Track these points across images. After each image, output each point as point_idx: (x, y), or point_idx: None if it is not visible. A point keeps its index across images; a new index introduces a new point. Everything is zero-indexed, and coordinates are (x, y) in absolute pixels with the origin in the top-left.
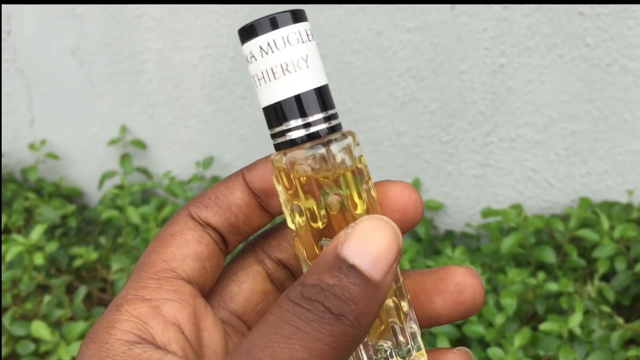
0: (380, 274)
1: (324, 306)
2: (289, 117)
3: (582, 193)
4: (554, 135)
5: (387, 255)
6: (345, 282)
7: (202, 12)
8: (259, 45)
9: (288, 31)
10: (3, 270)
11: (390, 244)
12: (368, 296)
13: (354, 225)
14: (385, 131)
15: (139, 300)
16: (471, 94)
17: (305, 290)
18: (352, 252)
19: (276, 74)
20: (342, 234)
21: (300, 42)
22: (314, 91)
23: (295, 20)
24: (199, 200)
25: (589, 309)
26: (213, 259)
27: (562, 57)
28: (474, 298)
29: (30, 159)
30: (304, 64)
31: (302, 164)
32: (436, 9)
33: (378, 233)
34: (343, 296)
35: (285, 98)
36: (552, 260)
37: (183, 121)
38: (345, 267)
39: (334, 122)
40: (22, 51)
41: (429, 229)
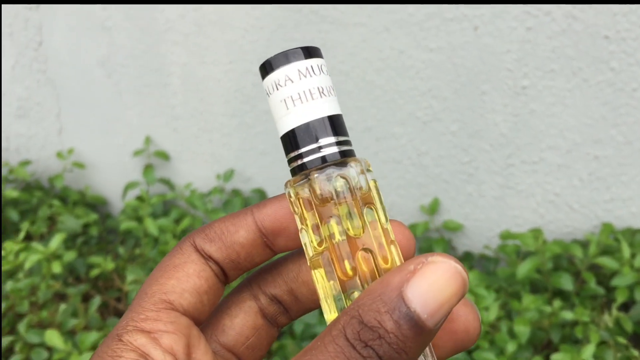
0: (435, 323)
1: (378, 355)
2: (301, 143)
3: (604, 219)
4: (577, 159)
5: (448, 306)
6: (402, 330)
7: (227, 28)
8: (285, 74)
9: (310, 63)
10: (22, 277)
11: (455, 295)
12: (419, 345)
13: (426, 261)
14: (406, 150)
15: (139, 332)
16: (493, 115)
17: (363, 333)
18: (416, 297)
19: (298, 100)
20: (411, 267)
21: (313, 75)
22: (324, 119)
23: (308, 55)
24: (205, 232)
25: (605, 339)
26: (211, 293)
27: (587, 80)
28: (466, 327)
29: (58, 167)
30: (317, 94)
31: (303, 189)
32: (459, 30)
33: (447, 281)
34: (397, 347)
35: (297, 126)
36: (569, 288)
37: (206, 134)
38: (406, 312)
39: (345, 147)
40: (53, 61)
41: (447, 250)
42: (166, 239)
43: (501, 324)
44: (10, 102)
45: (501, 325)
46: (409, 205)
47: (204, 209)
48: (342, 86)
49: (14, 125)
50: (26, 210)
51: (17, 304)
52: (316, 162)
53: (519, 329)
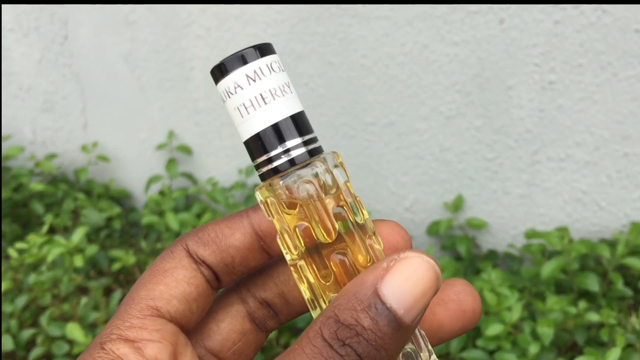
0: (413, 318)
1: (356, 353)
2: (268, 147)
3: (634, 218)
4: (605, 156)
5: (424, 300)
6: (379, 326)
7: (249, 22)
8: (232, 81)
9: (255, 65)
10: (45, 270)
11: (430, 288)
12: (398, 341)
13: (398, 258)
14: (429, 146)
15: (122, 341)
16: (518, 110)
17: (341, 332)
18: (390, 293)
19: (250, 107)
20: (385, 265)
21: (262, 77)
22: (290, 118)
23: (262, 54)
24: (198, 235)
25: (631, 342)
26: (200, 300)
27: (616, 75)
28: (474, 307)
29: (83, 160)
30: (270, 97)
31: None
32: (484, 23)
33: (420, 276)
34: (375, 343)
35: (263, 129)
36: (595, 289)
37: (228, 128)
38: (382, 308)
39: (312, 146)
40: (77, 56)
41: (470, 248)
42: None
43: (524, 324)
44: (36, 96)
45: (524, 326)
46: (432, 201)
47: (225, 204)
48: (363, 80)
49: (41, 118)
50: (51, 203)
51: (40, 296)
52: (285, 165)
53: (543, 330)
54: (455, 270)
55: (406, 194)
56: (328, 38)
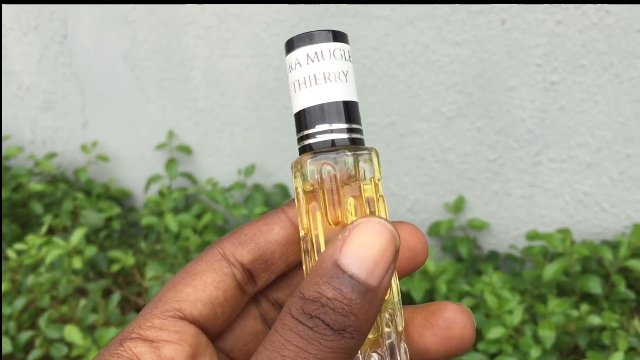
0: (377, 279)
1: (325, 323)
2: (306, 125)
3: (636, 219)
4: (607, 158)
5: (385, 260)
6: (343, 293)
7: (249, 21)
8: (305, 53)
9: (328, 47)
10: (43, 271)
11: (387, 248)
12: (366, 303)
13: (351, 228)
14: (430, 146)
15: (141, 340)
16: (520, 111)
17: (306, 306)
18: (349, 260)
19: (302, 85)
20: (340, 237)
21: (339, 59)
22: (335, 103)
23: (335, 39)
24: (234, 236)
25: (634, 346)
26: (227, 305)
27: (619, 76)
28: (462, 334)
29: (83, 160)
30: (338, 78)
31: (328, 165)
32: (486, 23)
33: (375, 238)
34: (342, 310)
35: (307, 107)
36: (597, 291)
37: (228, 128)
38: (343, 277)
39: (356, 135)
40: (77, 55)
41: (471, 249)
42: (187, 235)
43: (525, 327)
44: (36, 95)
45: (525, 329)
46: (433, 202)
47: (225, 204)
48: (365, 80)
49: (41, 118)
50: (50, 203)
51: (39, 298)
52: (318, 145)
53: (544, 334)
54: (457, 271)
55: (407, 195)
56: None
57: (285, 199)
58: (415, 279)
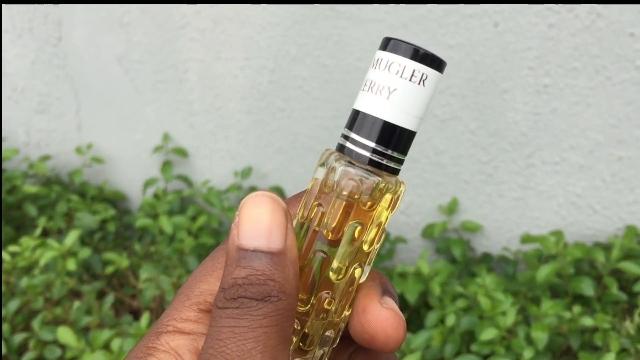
0: (279, 241)
1: (247, 298)
2: (367, 132)
3: (628, 221)
4: (600, 160)
5: (276, 223)
6: (254, 267)
7: (244, 24)
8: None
9: (406, 62)
10: (37, 273)
11: (274, 213)
12: (280, 266)
13: (238, 212)
14: (424, 149)
15: (178, 333)
16: (513, 114)
17: (227, 293)
18: (247, 238)
19: (368, 87)
20: (233, 226)
21: (406, 79)
22: (401, 128)
23: (421, 60)
24: None
25: (626, 347)
26: None
27: (611, 79)
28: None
29: (78, 162)
30: (387, 93)
31: (352, 179)
32: (479, 26)
33: (259, 208)
34: (259, 280)
35: (377, 116)
36: (589, 293)
37: (223, 131)
38: (248, 254)
39: (395, 165)
40: (72, 58)
41: (465, 251)
42: (182, 237)
43: (518, 329)
44: (31, 97)
45: (518, 331)
46: (427, 204)
47: (220, 207)
48: (358, 83)
49: (35, 120)
50: (44, 205)
51: (32, 300)
52: (348, 152)
53: (537, 335)
54: (450, 273)
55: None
56: (323, 41)
57: None
58: (409, 282)
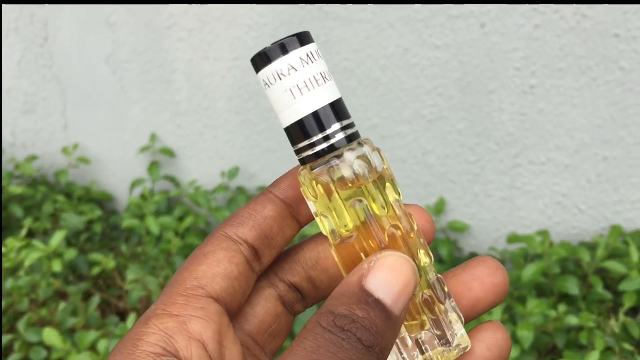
0: (400, 309)
1: (357, 337)
2: (309, 133)
3: (613, 221)
4: (585, 160)
5: (407, 292)
6: (372, 315)
7: (231, 24)
8: (273, 70)
9: (297, 54)
10: (22, 275)
11: (410, 282)
12: (390, 330)
13: (376, 259)
14: (411, 149)
15: (166, 316)
16: (500, 114)
17: (338, 320)
18: (376, 287)
19: (294, 94)
20: (365, 266)
21: (310, 63)
22: (329, 105)
23: (301, 43)
24: (233, 219)
25: (610, 345)
26: (242, 279)
27: (596, 80)
28: (504, 279)
29: (63, 162)
30: (317, 83)
31: (323, 175)
32: (466, 27)
33: (400, 270)
34: (372, 329)
35: (304, 116)
36: (575, 292)
37: (211, 131)
38: (372, 300)
39: (350, 131)
40: (58, 57)
41: (452, 251)
42: (169, 237)
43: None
44: (17, 97)
45: None
46: None
47: (208, 207)
48: (346, 83)
49: (21, 120)
50: (30, 205)
51: (17, 301)
52: (329, 149)
53: (523, 334)
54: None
55: None
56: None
57: None
58: None
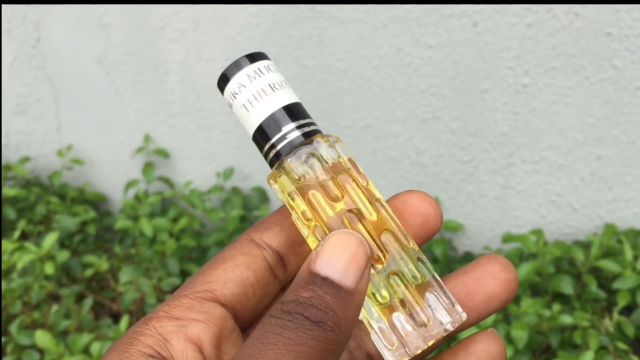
0: (352, 280)
1: (303, 316)
2: (270, 135)
3: (607, 219)
4: (578, 159)
5: (357, 263)
6: (319, 293)
7: (224, 24)
8: (229, 91)
9: (245, 72)
10: (15, 277)
11: (357, 252)
12: (344, 302)
13: (322, 242)
14: (405, 149)
15: (167, 318)
16: (493, 113)
17: (285, 306)
18: (323, 266)
19: (247, 108)
20: (313, 252)
21: (262, 75)
22: (283, 109)
23: (252, 61)
24: (259, 224)
25: (605, 344)
26: (258, 286)
27: (589, 78)
28: (516, 276)
29: (56, 164)
30: (270, 90)
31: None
32: (458, 26)
33: (344, 244)
34: (320, 305)
35: (262, 121)
36: (569, 292)
37: (204, 132)
38: (319, 280)
39: (307, 129)
40: (51, 58)
41: (447, 250)
42: (163, 239)
43: (499, 327)
44: (10, 99)
45: (498, 329)
46: None
47: (202, 208)
48: (339, 84)
49: (14, 121)
50: (24, 207)
51: (10, 304)
52: (285, 148)
53: (517, 334)
54: None
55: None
56: (303, 41)
57: (264, 201)
58: None
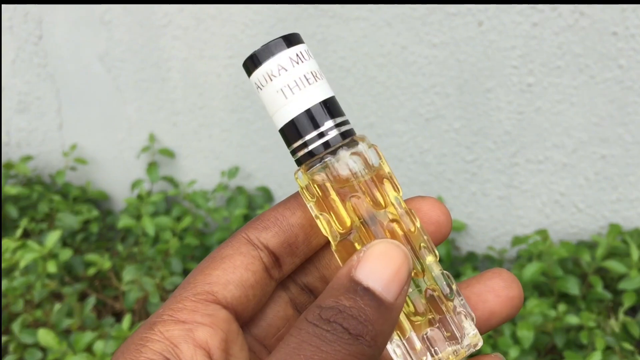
0: (393, 295)
1: (343, 327)
2: (302, 132)
3: (611, 219)
4: (583, 158)
5: (399, 278)
6: (360, 304)
7: (227, 22)
8: (264, 72)
9: (287, 54)
10: (17, 275)
11: (401, 267)
12: (382, 317)
13: (366, 248)
14: (408, 147)
15: (172, 322)
16: (497, 112)
17: (324, 312)
18: (365, 275)
19: (285, 94)
20: (355, 257)
21: (300, 62)
22: (321, 103)
23: (290, 44)
24: (258, 222)
25: (611, 345)
26: (257, 288)
27: (594, 78)
28: (520, 293)
29: (59, 162)
30: (307, 82)
31: (318, 174)
32: (463, 25)
33: (390, 256)
34: (360, 317)
35: (297, 115)
36: (575, 292)
37: (206, 130)
38: (360, 289)
39: (345, 128)
40: (52, 56)
41: (450, 250)
42: (166, 238)
43: (504, 328)
44: (11, 97)
45: (504, 330)
46: None
47: (206, 208)
48: (342, 82)
49: (15, 119)
50: (26, 206)
51: (12, 302)
52: (323, 147)
53: (523, 334)
54: None
55: None
56: (306, 39)
57: (268, 201)
58: None
